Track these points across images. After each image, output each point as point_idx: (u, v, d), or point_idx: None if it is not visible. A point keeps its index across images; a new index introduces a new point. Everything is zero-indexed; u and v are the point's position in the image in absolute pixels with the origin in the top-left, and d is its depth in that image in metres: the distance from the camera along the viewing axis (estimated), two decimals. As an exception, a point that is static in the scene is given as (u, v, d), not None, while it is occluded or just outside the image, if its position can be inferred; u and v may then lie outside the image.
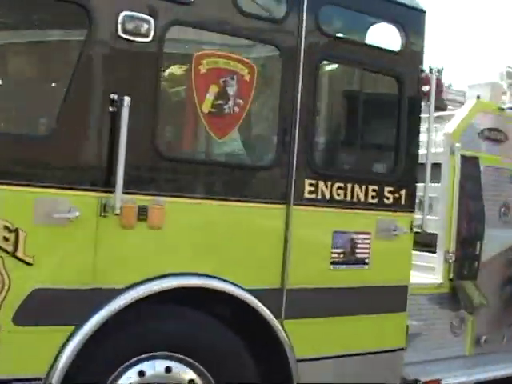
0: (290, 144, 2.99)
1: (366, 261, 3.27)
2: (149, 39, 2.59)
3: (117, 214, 2.51)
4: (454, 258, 3.84)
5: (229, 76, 2.83)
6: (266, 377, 2.96)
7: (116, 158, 2.50)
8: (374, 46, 3.33)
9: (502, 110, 4.44)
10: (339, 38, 3.32)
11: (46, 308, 2.46)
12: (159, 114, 2.67)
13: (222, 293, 2.80)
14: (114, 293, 2.55)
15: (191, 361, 2.76)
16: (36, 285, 2.40)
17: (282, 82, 2.98)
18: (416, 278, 3.80)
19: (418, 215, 3.47)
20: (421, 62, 3.41)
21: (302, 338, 3.05)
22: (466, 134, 4.07)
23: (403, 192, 3.37)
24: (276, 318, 2.94)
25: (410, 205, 3.40)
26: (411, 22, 3.38)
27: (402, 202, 3.38)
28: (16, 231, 2.34)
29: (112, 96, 2.48)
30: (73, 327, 2.48)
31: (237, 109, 2.84)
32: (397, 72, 3.33)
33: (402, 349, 3.42)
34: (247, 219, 2.91)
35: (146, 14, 2.57)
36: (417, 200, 3.46)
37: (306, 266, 3.09)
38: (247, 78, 2.88)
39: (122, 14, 2.51)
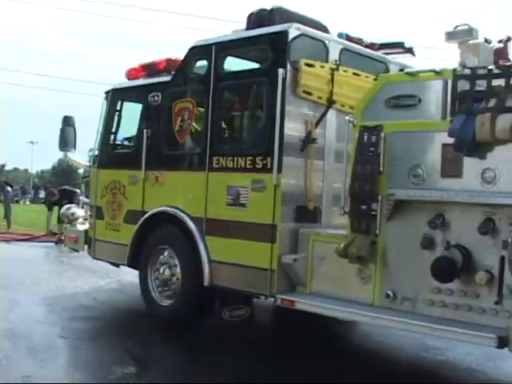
0: (207, 139, 5.82)
1: (246, 204, 5.43)
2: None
3: (146, 179, 6.42)
4: (342, 213, 4.95)
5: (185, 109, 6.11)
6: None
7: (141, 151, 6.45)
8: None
9: (412, 75, 4.69)
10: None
11: (131, 216, 6.64)
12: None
13: (179, 217, 6.03)
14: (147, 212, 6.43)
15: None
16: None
17: (205, 108, 5.90)
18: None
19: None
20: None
21: (213, 247, 5.70)
22: (371, 107, 4.88)
23: (268, 160, 5.26)
24: (200, 233, 5.81)
25: (272, 168, 5.18)
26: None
27: (268, 166, 5.25)
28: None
29: None
30: (135, 225, 6.53)
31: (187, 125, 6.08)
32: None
33: (270, 270, 5.19)
34: (190, 179, 5.98)
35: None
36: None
37: (215, 205, 5.71)
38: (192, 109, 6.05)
39: None
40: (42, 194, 42.55)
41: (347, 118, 5.09)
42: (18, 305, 7.03)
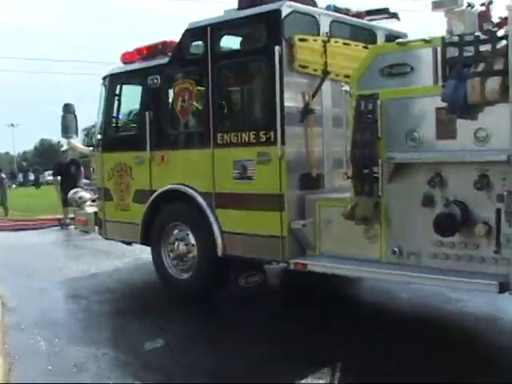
0: (209, 117, 6.09)
1: (252, 177, 5.76)
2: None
3: (152, 160, 6.70)
4: (345, 178, 5.30)
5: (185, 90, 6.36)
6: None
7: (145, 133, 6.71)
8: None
9: (403, 45, 5.00)
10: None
11: (140, 196, 6.94)
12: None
13: (189, 193, 6.34)
14: (155, 191, 6.72)
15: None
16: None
17: (205, 88, 6.15)
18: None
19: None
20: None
21: (224, 219, 6.04)
22: (366, 76, 5.18)
23: (271, 133, 5.57)
24: (210, 208, 6.14)
25: (276, 141, 5.50)
26: None
27: (272, 139, 5.56)
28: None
29: None
30: (145, 204, 6.84)
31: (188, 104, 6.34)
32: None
33: (281, 236, 5.56)
34: (196, 156, 6.28)
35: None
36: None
37: (222, 180, 6.03)
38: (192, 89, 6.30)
39: None
40: (31, 177, 42.59)
41: (343, 88, 5.38)
42: (45, 292, 7.30)
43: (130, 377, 4.50)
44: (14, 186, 43.88)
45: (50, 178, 22.12)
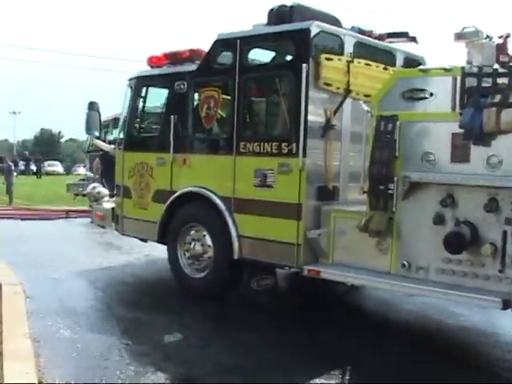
0: (234, 125, 6.43)
1: (272, 185, 6.09)
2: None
3: (173, 162, 7.03)
4: (361, 193, 5.64)
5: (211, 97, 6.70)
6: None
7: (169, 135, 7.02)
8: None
9: (424, 71, 5.35)
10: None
11: (160, 196, 7.26)
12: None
13: (209, 196, 6.67)
14: (174, 192, 7.04)
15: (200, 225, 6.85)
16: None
17: (231, 98, 6.48)
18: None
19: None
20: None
21: (241, 223, 6.37)
22: (388, 99, 5.53)
23: (293, 145, 5.90)
24: (229, 212, 6.47)
25: (298, 153, 5.83)
26: None
27: (293, 151, 5.90)
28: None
29: None
30: (164, 204, 7.15)
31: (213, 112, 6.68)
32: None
33: (296, 244, 5.89)
34: (218, 161, 6.62)
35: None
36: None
37: (242, 186, 6.36)
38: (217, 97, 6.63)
39: None
40: (32, 166, 42.85)
41: (365, 108, 5.73)
42: (61, 284, 7.60)
43: (152, 367, 4.78)
44: (14, 174, 44.07)
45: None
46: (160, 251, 9.02)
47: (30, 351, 4.93)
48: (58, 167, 59.18)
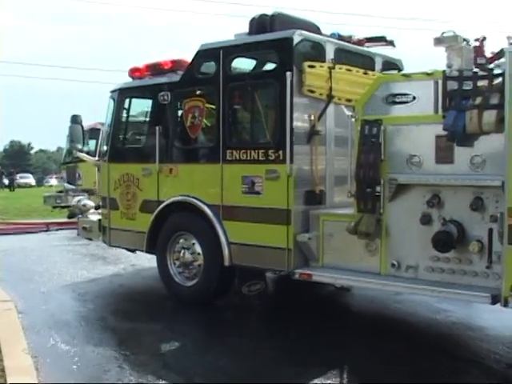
0: (219, 134, 6.53)
1: (260, 192, 6.21)
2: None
3: (160, 172, 7.10)
4: (349, 196, 5.81)
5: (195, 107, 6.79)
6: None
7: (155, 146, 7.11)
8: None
9: (407, 76, 5.55)
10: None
11: (147, 206, 7.33)
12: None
13: (197, 205, 6.76)
14: (162, 202, 7.11)
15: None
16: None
17: (216, 107, 6.59)
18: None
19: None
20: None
21: (230, 230, 6.48)
22: (371, 103, 5.70)
23: (280, 152, 6.03)
24: (217, 219, 6.57)
25: (285, 159, 5.97)
26: None
27: (280, 158, 6.03)
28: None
29: None
30: (152, 214, 7.22)
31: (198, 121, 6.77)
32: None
33: (287, 248, 6.02)
34: (205, 170, 6.72)
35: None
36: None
37: (230, 193, 6.47)
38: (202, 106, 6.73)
39: None
40: (5, 179, 42.26)
41: (349, 113, 5.89)
42: (50, 296, 7.62)
43: (153, 376, 4.85)
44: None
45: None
46: (145, 260, 9.20)
47: (31, 367, 4.95)
48: (30, 179, 58.71)
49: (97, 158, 8.41)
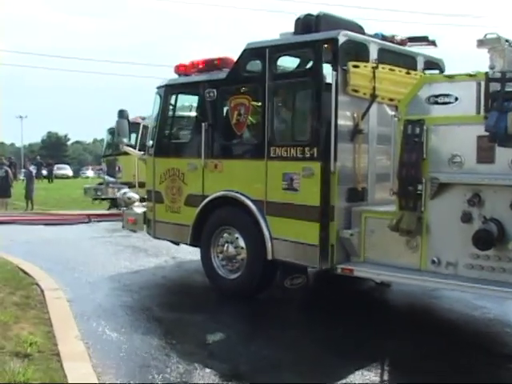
0: (264, 132, 6.80)
1: (298, 188, 6.46)
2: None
3: (205, 167, 7.41)
4: (391, 194, 6.00)
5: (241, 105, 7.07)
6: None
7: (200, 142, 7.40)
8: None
9: (450, 77, 5.69)
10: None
11: (192, 200, 7.64)
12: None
13: (241, 200, 7.04)
14: (206, 196, 7.42)
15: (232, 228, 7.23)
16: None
17: (261, 105, 6.84)
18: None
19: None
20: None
21: (273, 226, 6.74)
22: (414, 103, 5.88)
23: (315, 150, 6.27)
24: (261, 214, 6.84)
25: (321, 157, 6.21)
26: None
27: (315, 155, 6.27)
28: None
29: None
30: (197, 208, 7.54)
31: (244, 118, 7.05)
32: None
33: (330, 244, 6.24)
34: (250, 166, 6.99)
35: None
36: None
37: (273, 189, 6.73)
38: (248, 104, 7.00)
39: None
40: (43, 170, 43.28)
41: (392, 112, 6.08)
42: (96, 286, 8.00)
43: (200, 364, 5.13)
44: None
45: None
46: (185, 253, 9.51)
47: (85, 352, 5.29)
48: (67, 170, 60.07)
49: (142, 153, 8.75)
